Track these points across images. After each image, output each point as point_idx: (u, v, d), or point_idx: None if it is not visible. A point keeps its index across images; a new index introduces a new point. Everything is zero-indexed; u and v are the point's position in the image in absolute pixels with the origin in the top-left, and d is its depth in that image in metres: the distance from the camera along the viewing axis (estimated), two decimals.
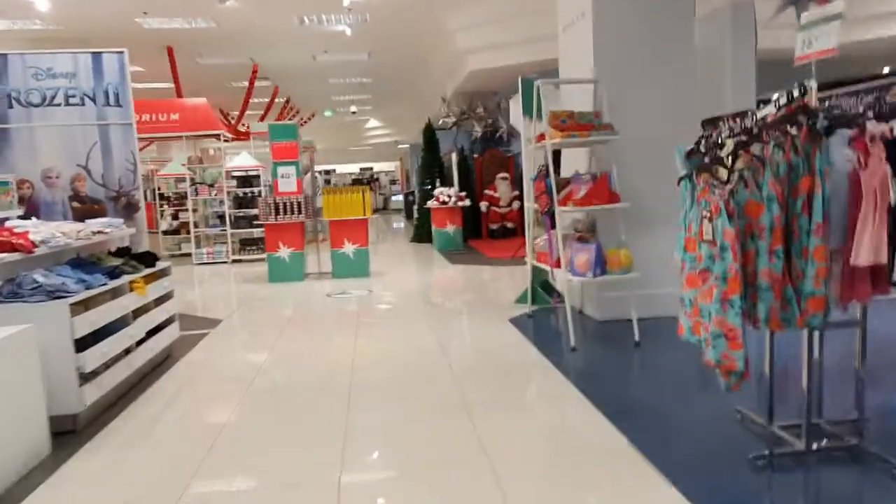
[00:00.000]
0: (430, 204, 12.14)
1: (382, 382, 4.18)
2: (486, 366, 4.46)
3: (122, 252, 4.69)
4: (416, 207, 17.15)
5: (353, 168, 36.29)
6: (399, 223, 21.99)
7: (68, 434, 3.46)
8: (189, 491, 2.76)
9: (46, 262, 3.84)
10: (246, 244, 11.74)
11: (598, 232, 5.19)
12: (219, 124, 11.96)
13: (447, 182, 13.05)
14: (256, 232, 11.39)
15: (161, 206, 13.36)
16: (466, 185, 13.12)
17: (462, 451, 3.05)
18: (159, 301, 4.73)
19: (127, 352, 4.14)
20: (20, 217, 4.62)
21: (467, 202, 12.27)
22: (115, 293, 4.08)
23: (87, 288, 3.69)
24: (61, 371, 3.38)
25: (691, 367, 3.62)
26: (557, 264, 5.10)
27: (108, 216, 6.14)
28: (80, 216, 5.86)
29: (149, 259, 4.73)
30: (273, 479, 2.86)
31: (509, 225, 13.65)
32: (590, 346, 4.87)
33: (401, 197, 29.49)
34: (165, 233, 13.17)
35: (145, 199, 6.49)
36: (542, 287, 6.36)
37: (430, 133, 13.58)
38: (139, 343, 4.29)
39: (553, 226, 5.08)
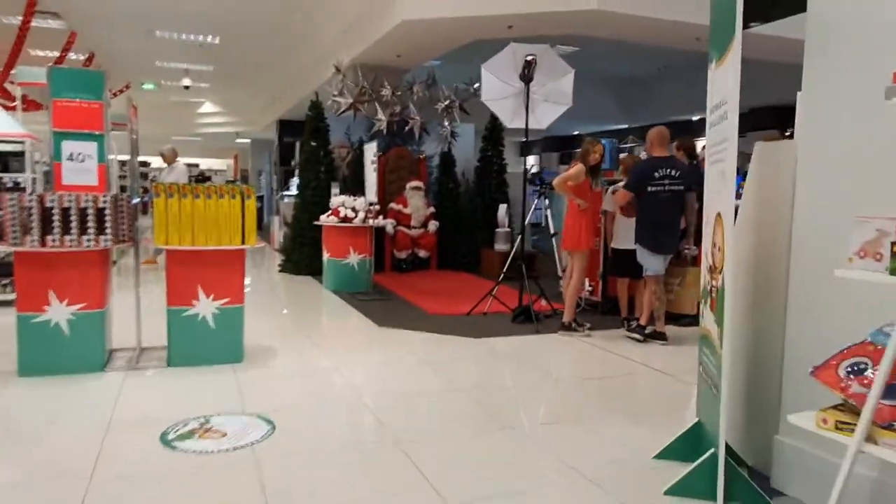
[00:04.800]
0: (325, 220, 7.89)
1: None
2: None
3: None
4: (276, 219, 12.67)
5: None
6: None
7: None
8: None
9: None
10: None
11: None
12: None
13: (354, 188, 8.83)
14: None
15: None
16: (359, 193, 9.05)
17: None
18: None
19: None
20: None
21: (381, 221, 8.22)
22: None
23: None
24: None
25: None
26: None
27: None
28: None
29: None
30: None
31: (422, 254, 9.81)
32: None
33: None
34: None
35: None
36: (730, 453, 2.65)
37: (317, 113, 9.30)
38: None
39: None
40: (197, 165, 29.55)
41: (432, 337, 5.53)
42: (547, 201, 6.57)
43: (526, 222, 6.43)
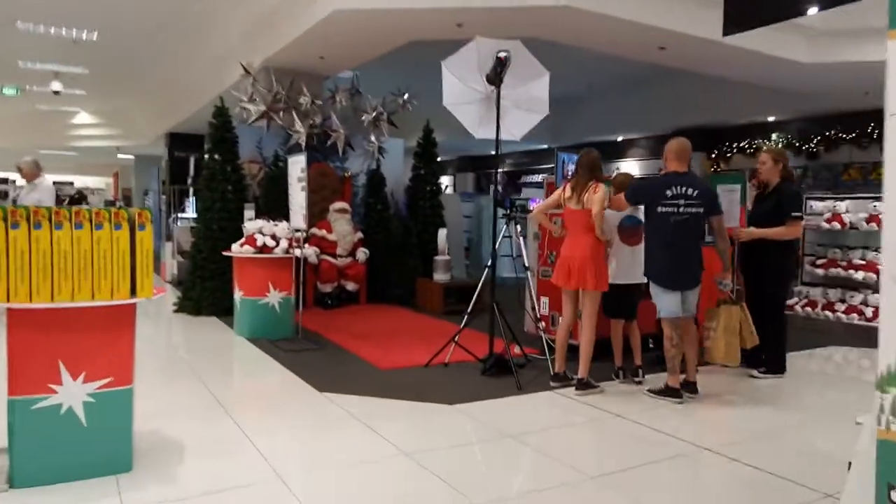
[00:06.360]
0: (237, 250, 6.37)
1: None
2: None
3: None
4: (168, 246, 10.84)
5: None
6: None
7: None
8: None
9: None
10: None
11: None
12: None
13: (268, 211, 7.30)
14: None
15: None
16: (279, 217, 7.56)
17: None
18: None
19: None
20: None
21: (308, 251, 6.80)
22: None
23: None
24: None
25: None
26: None
27: None
28: None
29: None
30: None
31: (350, 286, 8.43)
32: None
33: None
34: None
35: None
36: None
37: (223, 122, 7.77)
38: None
39: None
40: (71, 184, 26.25)
41: (395, 406, 4.23)
42: (518, 227, 5.48)
43: (496, 246, 5.31)
